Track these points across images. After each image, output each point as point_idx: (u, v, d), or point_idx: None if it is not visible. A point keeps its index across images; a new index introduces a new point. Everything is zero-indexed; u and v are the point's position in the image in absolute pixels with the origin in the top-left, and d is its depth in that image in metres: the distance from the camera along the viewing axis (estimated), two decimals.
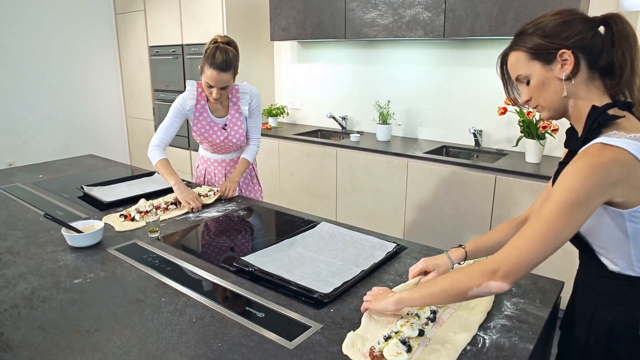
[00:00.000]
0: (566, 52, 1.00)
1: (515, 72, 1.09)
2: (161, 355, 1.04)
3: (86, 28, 4.88)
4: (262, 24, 4.22)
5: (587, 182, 0.90)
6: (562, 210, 0.92)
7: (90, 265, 1.48)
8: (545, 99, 1.06)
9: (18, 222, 1.86)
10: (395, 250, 1.56)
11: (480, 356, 1.03)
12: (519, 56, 1.07)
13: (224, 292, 1.33)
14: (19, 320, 1.18)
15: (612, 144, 0.93)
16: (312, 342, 1.09)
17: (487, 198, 2.78)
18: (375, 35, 3.30)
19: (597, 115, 0.99)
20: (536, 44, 1.03)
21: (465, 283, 1.00)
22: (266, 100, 4.47)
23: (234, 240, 1.72)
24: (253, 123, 2.35)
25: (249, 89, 2.27)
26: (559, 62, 1.02)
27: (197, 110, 2.23)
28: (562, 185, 0.93)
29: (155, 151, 2.16)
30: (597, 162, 0.91)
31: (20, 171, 2.67)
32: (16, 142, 4.53)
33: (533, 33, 1.04)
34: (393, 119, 3.67)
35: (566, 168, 0.95)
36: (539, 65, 1.04)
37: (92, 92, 5.06)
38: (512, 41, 1.09)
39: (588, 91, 1.03)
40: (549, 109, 1.08)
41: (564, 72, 1.01)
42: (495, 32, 2.77)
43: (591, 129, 0.99)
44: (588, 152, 0.94)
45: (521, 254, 0.95)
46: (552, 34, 1.01)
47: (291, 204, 3.82)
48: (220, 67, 2.01)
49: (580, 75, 1.02)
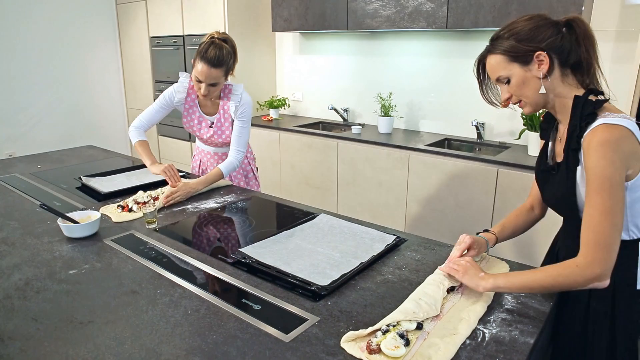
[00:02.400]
0: (542, 54, 1.15)
1: (496, 74, 1.22)
2: (155, 348, 1.02)
3: (87, 18, 4.85)
4: (263, 14, 4.18)
5: (615, 163, 1.04)
6: (612, 196, 1.04)
7: (86, 256, 1.46)
8: (526, 96, 1.20)
9: (14, 212, 1.84)
10: (394, 242, 1.54)
11: (479, 350, 1.01)
12: (498, 59, 1.20)
13: (220, 284, 1.31)
14: (11, 311, 1.16)
15: (614, 123, 1.06)
16: (309, 335, 1.07)
17: (489, 191, 2.75)
18: (377, 27, 3.26)
19: (583, 102, 1.13)
20: (514, 48, 1.16)
21: (569, 286, 1.09)
22: (267, 91, 4.44)
23: (231, 231, 1.70)
24: (238, 133, 2.18)
25: (240, 91, 2.17)
26: (535, 62, 1.16)
27: (187, 103, 2.20)
28: (601, 177, 1.05)
29: (135, 132, 2.17)
30: (611, 140, 1.05)
31: (19, 161, 2.65)
32: (17, 133, 4.52)
33: (510, 37, 1.17)
34: (395, 111, 3.64)
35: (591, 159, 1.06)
36: (518, 66, 1.18)
37: (93, 83, 5.04)
38: (490, 45, 1.23)
39: (564, 85, 1.18)
40: (531, 104, 1.22)
41: (541, 71, 1.16)
42: (499, 24, 2.72)
43: (587, 115, 1.12)
44: (598, 135, 1.06)
45: (609, 250, 1.05)
46: (528, 38, 1.15)
47: (292, 196, 3.80)
48: (211, 61, 1.96)
49: (555, 73, 1.17)
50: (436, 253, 1.49)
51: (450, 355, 0.99)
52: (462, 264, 1.23)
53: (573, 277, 1.07)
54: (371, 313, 1.16)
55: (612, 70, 2.70)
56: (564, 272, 1.09)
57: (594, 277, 1.06)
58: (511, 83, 1.20)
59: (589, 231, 1.07)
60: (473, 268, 1.21)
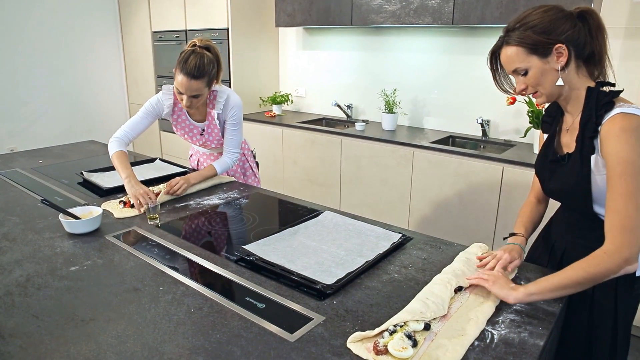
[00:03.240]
0: (561, 46, 1.15)
1: (513, 65, 1.21)
2: (157, 347, 1.00)
3: (89, 13, 4.82)
4: (267, 9, 4.15)
5: (637, 149, 1.06)
6: (636, 180, 1.06)
7: (88, 253, 1.44)
8: (544, 87, 1.20)
9: (16, 207, 1.82)
10: (400, 240, 1.52)
11: (488, 352, 0.99)
12: (516, 50, 1.19)
13: (223, 281, 1.29)
14: (12, 308, 1.14)
15: (630, 112, 1.09)
16: (314, 335, 1.05)
17: (494, 189, 2.73)
18: (382, 22, 3.23)
19: (597, 94, 1.16)
20: (534, 40, 1.15)
21: (602, 275, 1.08)
22: (270, 87, 4.41)
23: (235, 228, 1.68)
24: (230, 135, 2.14)
25: (225, 97, 2.08)
26: (554, 55, 1.16)
27: (175, 113, 2.15)
28: (624, 162, 1.07)
29: (115, 142, 2.02)
30: (634, 129, 1.07)
31: (20, 156, 2.63)
32: (18, 128, 4.50)
33: (528, 29, 1.16)
34: (399, 108, 3.61)
35: (612, 145, 1.09)
36: (537, 58, 1.17)
37: (95, 78, 5.02)
38: (505, 36, 1.22)
39: (578, 78, 1.20)
40: (547, 95, 1.22)
41: (559, 63, 1.16)
42: (506, 20, 2.69)
43: (604, 104, 1.14)
44: (618, 123, 1.09)
45: (636, 234, 1.06)
46: (547, 30, 1.15)
47: (295, 192, 3.78)
48: (190, 73, 1.86)
49: (571, 65, 1.18)
50: (442, 252, 1.47)
51: (459, 356, 0.97)
52: (493, 273, 1.21)
53: (604, 264, 1.07)
54: (377, 313, 1.14)
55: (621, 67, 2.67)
56: (593, 262, 1.09)
57: (623, 261, 1.06)
58: (529, 75, 1.20)
59: (614, 215, 1.08)
60: (503, 278, 1.19)
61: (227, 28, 3.93)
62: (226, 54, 3.99)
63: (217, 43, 4.03)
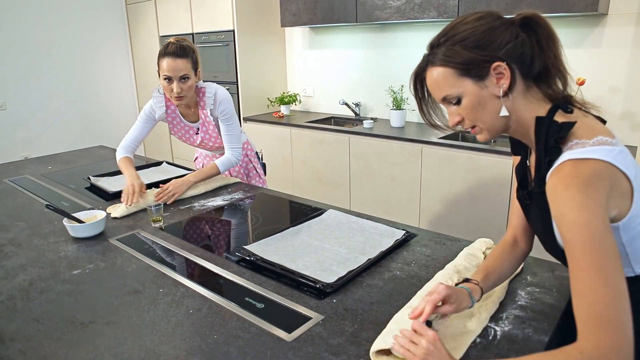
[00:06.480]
0: (501, 65, 0.88)
1: (442, 92, 0.94)
2: (155, 348, 1.00)
3: (97, 19, 4.88)
4: (272, 9, 4.15)
5: (589, 207, 0.78)
6: (597, 249, 0.78)
7: (91, 256, 1.45)
8: (482, 120, 0.93)
9: (23, 213, 1.84)
10: (404, 237, 1.50)
11: (490, 349, 0.97)
12: (445, 73, 0.92)
13: (223, 282, 1.28)
14: (14, 312, 1.15)
15: (582, 158, 0.82)
16: (312, 334, 1.03)
17: (505, 184, 2.68)
18: (387, 18, 3.20)
19: (546, 128, 0.89)
20: (465, 58, 0.89)
21: None
22: (278, 88, 4.41)
23: (237, 229, 1.68)
24: (226, 130, 2.12)
25: (213, 90, 2.07)
26: (492, 76, 0.89)
27: (169, 116, 2.16)
28: (573, 227, 0.80)
29: (121, 151, 2.14)
30: (581, 182, 0.80)
31: (30, 163, 2.67)
32: (31, 136, 4.57)
33: (456, 44, 0.90)
34: (407, 104, 3.58)
35: (556, 205, 0.83)
36: (471, 82, 0.90)
37: (105, 84, 5.07)
38: (430, 55, 0.95)
39: (527, 103, 0.92)
40: (489, 130, 0.95)
41: (500, 87, 0.89)
42: (513, 12, 2.63)
43: (550, 149, 0.87)
44: (563, 177, 0.82)
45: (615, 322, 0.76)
46: (482, 45, 0.88)
47: (304, 192, 3.77)
48: (174, 53, 1.88)
49: (517, 88, 0.90)
50: (447, 248, 1.44)
51: (460, 354, 0.94)
52: (423, 345, 0.85)
53: None
54: (377, 311, 1.12)
55: (634, 55, 2.60)
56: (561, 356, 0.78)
57: None
58: (462, 104, 0.93)
59: (581, 300, 0.79)
60: (437, 352, 0.84)
61: (233, 30, 3.94)
62: (233, 55, 4.00)
63: (224, 45, 4.04)
